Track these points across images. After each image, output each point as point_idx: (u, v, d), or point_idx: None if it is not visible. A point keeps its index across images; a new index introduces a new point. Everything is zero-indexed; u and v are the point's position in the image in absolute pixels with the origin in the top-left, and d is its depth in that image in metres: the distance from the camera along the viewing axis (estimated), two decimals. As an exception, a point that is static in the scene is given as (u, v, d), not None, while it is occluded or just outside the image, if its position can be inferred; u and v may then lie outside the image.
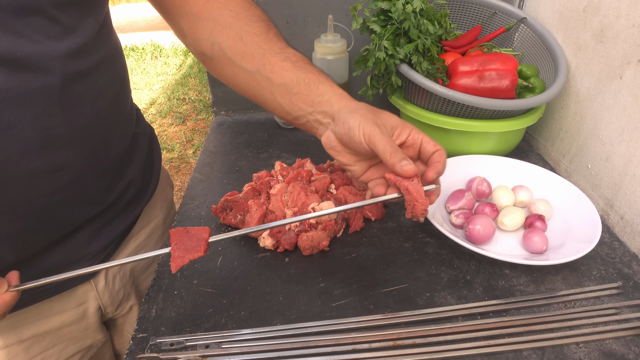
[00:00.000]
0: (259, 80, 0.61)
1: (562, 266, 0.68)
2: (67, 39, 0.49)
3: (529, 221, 0.74)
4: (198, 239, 0.52)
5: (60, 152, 0.51)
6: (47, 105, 0.48)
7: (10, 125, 0.46)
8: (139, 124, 0.73)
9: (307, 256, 0.71)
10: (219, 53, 0.62)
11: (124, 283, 0.71)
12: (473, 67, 0.85)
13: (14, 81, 0.45)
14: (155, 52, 4.73)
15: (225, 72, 0.64)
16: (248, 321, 0.60)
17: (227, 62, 0.62)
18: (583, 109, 0.88)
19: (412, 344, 0.56)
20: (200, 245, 0.51)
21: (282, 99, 0.61)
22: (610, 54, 0.79)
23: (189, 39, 0.65)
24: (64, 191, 0.54)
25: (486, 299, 0.63)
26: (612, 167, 0.80)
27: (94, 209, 0.61)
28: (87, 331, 0.68)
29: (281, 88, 0.60)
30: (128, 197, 0.68)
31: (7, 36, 0.44)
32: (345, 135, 0.56)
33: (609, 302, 0.63)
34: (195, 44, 0.64)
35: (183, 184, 2.72)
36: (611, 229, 0.78)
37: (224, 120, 1.17)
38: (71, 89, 0.50)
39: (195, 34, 0.63)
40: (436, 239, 0.74)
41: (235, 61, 0.61)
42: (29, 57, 0.45)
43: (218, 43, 0.62)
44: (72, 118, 0.52)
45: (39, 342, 0.63)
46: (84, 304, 0.66)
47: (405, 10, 0.84)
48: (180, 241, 0.52)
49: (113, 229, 0.66)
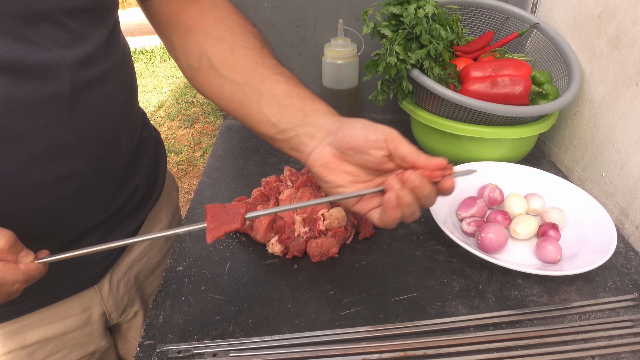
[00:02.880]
0: (246, 91, 0.58)
1: (576, 276, 0.67)
2: (77, 46, 0.49)
3: (542, 230, 0.72)
4: (234, 213, 0.51)
5: (68, 161, 0.51)
6: (56, 114, 0.48)
7: (19, 135, 0.46)
8: (144, 128, 0.72)
9: (316, 263, 0.70)
10: (206, 65, 0.60)
11: (129, 288, 0.71)
12: (486, 73, 0.84)
13: (22, 90, 0.45)
14: (164, 55, 4.75)
15: (210, 84, 0.62)
16: (256, 329, 0.59)
17: (214, 74, 0.60)
18: (597, 116, 0.86)
19: (423, 355, 0.55)
20: (237, 218, 0.50)
21: (270, 110, 0.56)
22: (626, 60, 0.78)
23: (178, 52, 0.64)
24: (71, 199, 0.54)
25: (499, 310, 0.62)
26: (627, 175, 0.78)
27: (100, 216, 0.61)
28: (91, 337, 0.67)
29: (271, 99, 0.57)
30: (133, 202, 0.68)
31: (17, 44, 0.43)
32: (353, 138, 0.51)
33: (624, 315, 0.61)
34: (183, 56, 0.63)
35: (191, 186, 2.73)
36: (626, 239, 0.76)
37: (232, 124, 1.16)
38: (80, 97, 0.50)
39: (185, 46, 0.62)
40: (447, 247, 0.73)
41: (223, 72, 0.59)
42: (39, 66, 0.45)
43: (207, 55, 0.60)
44: (81, 127, 0.51)
45: (42, 348, 0.62)
46: (88, 309, 0.66)
47: (417, 15, 0.83)
48: (216, 215, 0.51)
49: (118, 235, 0.65)
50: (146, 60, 4.68)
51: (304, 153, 0.55)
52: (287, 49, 1.12)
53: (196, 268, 0.69)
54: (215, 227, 0.50)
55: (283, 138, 0.57)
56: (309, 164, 0.55)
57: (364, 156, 0.51)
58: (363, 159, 0.51)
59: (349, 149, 0.52)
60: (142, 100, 3.87)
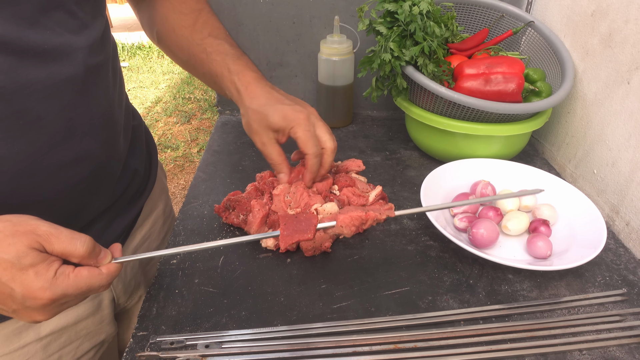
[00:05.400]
0: (191, 69, 0.74)
1: (566, 272, 0.68)
2: (83, 33, 0.51)
3: (533, 226, 0.73)
4: (307, 224, 0.55)
5: (83, 142, 0.53)
6: (72, 95, 0.50)
7: (40, 117, 0.48)
8: (134, 117, 0.76)
9: (309, 257, 0.71)
10: (159, 40, 0.74)
11: (135, 273, 0.74)
12: (479, 70, 0.85)
13: (42, 73, 0.47)
14: (161, 51, 4.75)
15: (168, 54, 0.77)
16: (249, 321, 0.60)
17: (166, 50, 0.75)
18: (590, 114, 0.87)
19: (413, 348, 0.56)
20: (310, 229, 0.55)
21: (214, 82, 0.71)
22: (618, 58, 0.78)
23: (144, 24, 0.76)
24: (85, 182, 0.56)
25: (489, 304, 0.63)
26: (618, 172, 0.79)
27: (108, 200, 0.63)
28: (102, 324, 0.69)
29: (205, 77, 0.72)
30: (134, 187, 0.71)
31: (34, 28, 0.45)
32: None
33: (613, 309, 0.62)
34: (147, 29, 0.76)
35: (187, 182, 2.73)
36: (616, 235, 0.77)
37: (228, 120, 1.17)
38: (91, 79, 0.53)
39: (148, 19, 0.74)
40: (439, 243, 0.73)
41: (172, 50, 0.73)
42: (56, 49, 0.47)
43: (157, 32, 0.73)
44: (92, 108, 0.54)
45: (56, 340, 0.63)
46: (99, 295, 0.67)
47: (412, 12, 0.83)
48: (289, 223, 0.56)
49: (122, 220, 0.68)
50: (143, 56, 4.67)
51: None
52: (283, 45, 1.12)
53: (190, 261, 0.70)
54: (289, 234, 0.52)
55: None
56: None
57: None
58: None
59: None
60: (139, 95, 3.86)
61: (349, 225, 0.58)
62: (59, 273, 0.41)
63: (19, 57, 0.45)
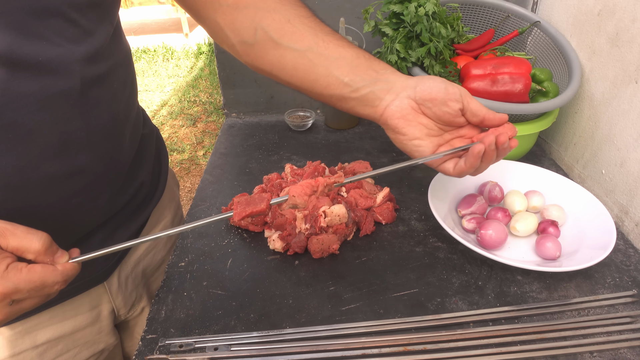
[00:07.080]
0: (311, 57, 0.60)
1: (575, 273, 0.67)
2: (85, 42, 0.49)
3: (541, 227, 0.73)
4: (260, 199, 0.54)
5: (79, 156, 0.52)
6: (66, 109, 0.49)
7: (32, 131, 0.46)
8: (145, 125, 0.73)
9: (317, 259, 0.70)
10: (263, 37, 0.61)
11: (137, 284, 0.71)
12: (486, 71, 0.85)
13: (35, 86, 0.45)
14: (166, 54, 4.76)
15: (268, 57, 0.62)
16: (257, 324, 0.60)
17: (272, 45, 0.61)
18: (597, 114, 0.87)
19: (422, 350, 0.56)
20: (263, 202, 0.54)
21: (340, 71, 0.59)
22: (625, 58, 0.78)
23: (226, 31, 0.63)
24: (81, 195, 0.54)
25: (498, 306, 0.62)
26: (627, 172, 0.78)
27: (108, 213, 0.61)
28: (100, 334, 0.68)
29: (339, 61, 0.59)
30: (139, 198, 0.69)
31: (29, 39, 0.44)
32: (434, 90, 0.56)
33: (623, 311, 0.62)
34: (234, 33, 0.63)
35: (193, 185, 2.73)
36: (626, 236, 0.76)
37: (234, 122, 1.17)
38: (90, 92, 0.51)
39: (234, 24, 0.62)
40: (447, 244, 0.73)
41: (282, 43, 0.60)
42: (51, 61, 0.46)
43: (262, 27, 0.60)
44: (90, 121, 0.52)
45: (53, 348, 0.62)
46: (98, 306, 0.66)
47: (417, 13, 0.83)
48: (241, 202, 0.55)
49: (125, 231, 0.65)
50: (148, 60, 4.69)
51: (379, 107, 0.59)
52: (288, 47, 1.12)
53: (198, 264, 0.70)
54: (242, 209, 0.52)
55: (357, 96, 0.60)
56: (386, 116, 0.59)
57: (442, 108, 0.56)
58: (441, 110, 0.57)
59: (429, 100, 0.57)
60: (144, 99, 3.88)
61: (301, 195, 0.56)
62: (10, 267, 0.41)
63: (11, 70, 0.43)
